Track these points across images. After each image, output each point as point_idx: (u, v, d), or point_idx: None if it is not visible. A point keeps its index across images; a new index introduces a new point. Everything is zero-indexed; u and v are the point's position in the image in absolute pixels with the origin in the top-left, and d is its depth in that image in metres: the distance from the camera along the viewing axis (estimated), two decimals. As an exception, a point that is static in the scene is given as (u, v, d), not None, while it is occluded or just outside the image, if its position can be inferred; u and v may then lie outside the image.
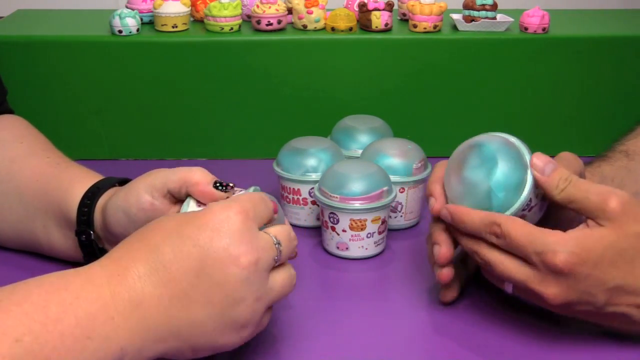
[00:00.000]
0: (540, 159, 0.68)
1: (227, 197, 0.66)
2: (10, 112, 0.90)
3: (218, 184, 0.67)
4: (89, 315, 0.55)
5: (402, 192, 0.89)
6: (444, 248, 0.71)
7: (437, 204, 0.72)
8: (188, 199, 0.68)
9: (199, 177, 0.68)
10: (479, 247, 0.68)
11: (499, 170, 0.68)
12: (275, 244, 0.62)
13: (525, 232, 0.65)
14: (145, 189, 0.70)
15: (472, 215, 0.68)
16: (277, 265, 0.62)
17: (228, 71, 1.08)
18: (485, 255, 0.67)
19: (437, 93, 1.10)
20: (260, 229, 0.62)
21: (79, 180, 0.77)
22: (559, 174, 0.68)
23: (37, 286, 0.56)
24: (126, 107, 1.09)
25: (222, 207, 0.60)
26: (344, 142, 0.96)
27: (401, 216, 0.90)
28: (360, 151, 0.94)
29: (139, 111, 1.09)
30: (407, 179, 0.89)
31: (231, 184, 0.68)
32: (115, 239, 0.71)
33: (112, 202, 0.72)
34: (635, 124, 0.94)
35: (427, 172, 0.90)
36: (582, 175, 0.73)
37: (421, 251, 0.87)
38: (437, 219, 0.72)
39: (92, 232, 0.74)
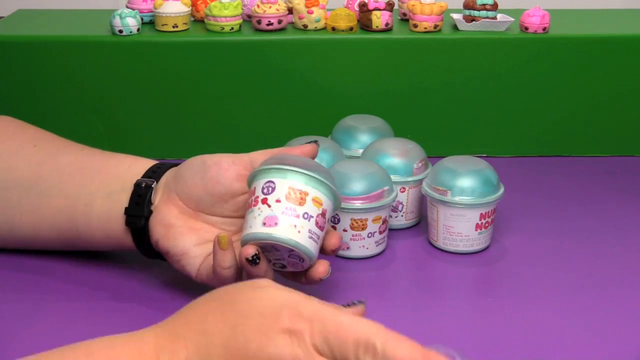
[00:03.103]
0: None
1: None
2: None
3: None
4: None
5: (402, 192, 0.89)
6: None
7: None
8: (283, 190, 0.70)
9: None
10: None
11: None
12: None
13: None
14: (229, 155, 0.75)
15: None
16: None
17: (228, 71, 1.08)
18: None
19: (438, 93, 1.10)
20: None
21: (139, 159, 0.79)
22: None
23: (84, 354, 0.55)
24: (126, 107, 1.09)
25: (291, 316, 0.55)
26: (345, 142, 0.96)
27: (402, 216, 0.90)
28: (360, 151, 0.94)
29: (139, 111, 1.09)
30: (408, 178, 0.89)
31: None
32: (179, 186, 0.74)
33: (193, 158, 0.76)
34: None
35: (427, 171, 0.90)
36: None
37: (422, 251, 0.87)
38: None
39: (153, 184, 0.75)
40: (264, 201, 0.69)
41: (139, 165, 0.78)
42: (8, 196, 0.79)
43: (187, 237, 0.73)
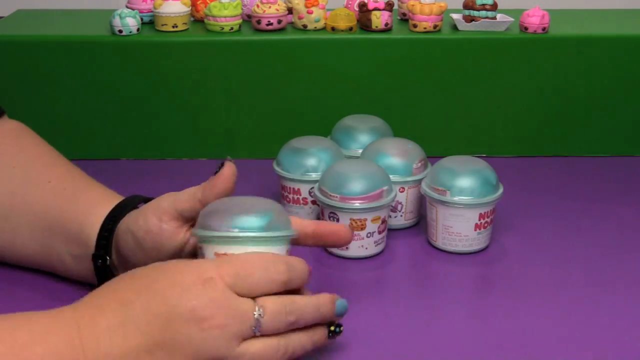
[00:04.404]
0: None
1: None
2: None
3: (216, 170, 0.68)
4: (57, 350, 0.57)
5: (402, 192, 0.89)
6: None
7: None
8: (210, 246, 0.65)
9: (206, 192, 0.68)
10: None
11: None
12: (256, 314, 0.60)
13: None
14: (154, 212, 0.69)
15: None
16: (258, 335, 0.60)
17: (228, 71, 1.08)
18: None
19: (437, 93, 1.10)
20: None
21: (95, 205, 0.75)
22: None
23: (6, 317, 0.57)
24: (126, 107, 1.09)
25: (200, 269, 0.60)
26: (344, 142, 0.96)
27: (401, 216, 0.90)
28: (360, 151, 0.94)
29: (139, 111, 1.09)
30: (407, 178, 0.89)
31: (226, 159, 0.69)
32: (125, 262, 0.71)
33: (122, 225, 0.71)
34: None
35: (427, 171, 0.90)
36: None
37: (421, 251, 0.87)
38: None
39: (108, 258, 0.72)
40: None
41: (90, 226, 0.74)
42: None
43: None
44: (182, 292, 0.59)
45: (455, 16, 1.12)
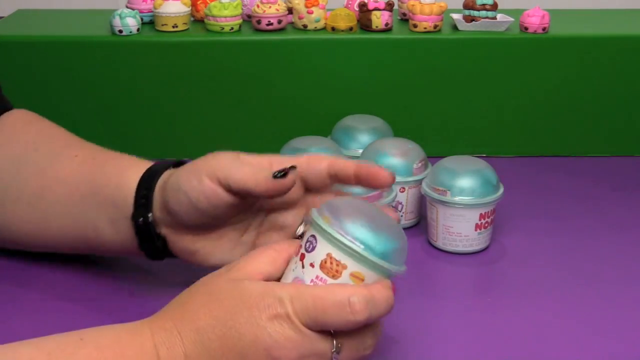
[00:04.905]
0: None
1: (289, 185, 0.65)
2: (7, 109, 0.86)
3: (277, 174, 0.65)
4: None
5: (402, 192, 0.89)
6: None
7: None
8: (321, 255, 0.59)
9: (260, 188, 0.66)
10: None
11: None
12: (333, 351, 0.58)
13: None
14: (209, 176, 0.67)
15: None
16: None
17: (228, 71, 1.08)
18: None
19: (437, 93, 1.10)
20: None
21: (128, 168, 0.74)
22: None
23: (96, 349, 0.57)
24: (126, 107, 1.09)
25: (276, 305, 0.58)
26: (344, 142, 0.96)
27: (401, 216, 0.90)
28: (360, 151, 0.94)
29: (139, 111, 1.09)
30: (408, 178, 0.89)
31: (290, 166, 0.66)
32: (175, 219, 0.70)
33: (172, 183, 0.69)
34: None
35: (427, 171, 0.90)
36: None
37: (421, 251, 0.87)
38: None
39: (149, 215, 0.71)
40: (302, 257, 0.60)
41: (126, 186, 0.73)
42: (14, 210, 0.78)
43: (218, 252, 0.72)
44: (257, 330, 0.57)
45: (455, 16, 1.12)
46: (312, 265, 0.59)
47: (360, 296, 0.57)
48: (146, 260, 0.75)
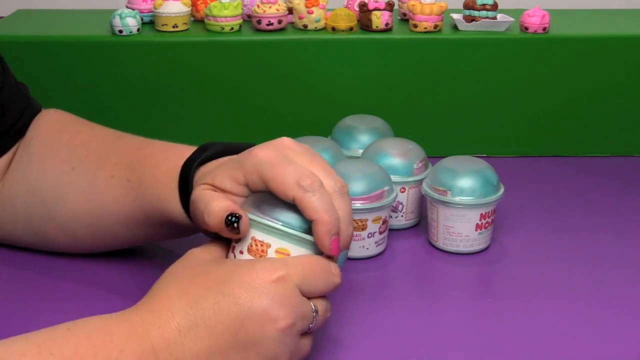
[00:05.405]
0: None
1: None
2: (37, 111, 0.85)
3: (228, 220, 0.63)
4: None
5: (402, 192, 0.89)
6: None
7: None
8: (247, 241, 0.63)
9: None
10: None
11: None
12: (314, 312, 0.62)
13: None
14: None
15: None
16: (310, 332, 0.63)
17: (228, 71, 1.08)
18: None
19: (438, 93, 1.10)
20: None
21: (166, 193, 0.72)
22: None
23: (85, 337, 0.57)
24: (126, 107, 1.09)
25: (269, 268, 0.60)
26: (345, 142, 0.96)
27: (402, 216, 0.90)
28: (360, 151, 0.94)
29: (139, 111, 1.09)
30: (408, 178, 0.89)
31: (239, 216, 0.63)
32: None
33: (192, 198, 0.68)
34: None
35: (427, 171, 0.90)
36: None
37: (422, 251, 0.87)
38: None
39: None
40: (233, 248, 0.64)
41: (174, 210, 0.72)
42: (69, 227, 0.79)
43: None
44: (253, 292, 0.59)
45: (455, 16, 1.12)
46: (241, 252, 0.63)
47: (334, 264, 0.64)
48: (158, 260, 0.75)
